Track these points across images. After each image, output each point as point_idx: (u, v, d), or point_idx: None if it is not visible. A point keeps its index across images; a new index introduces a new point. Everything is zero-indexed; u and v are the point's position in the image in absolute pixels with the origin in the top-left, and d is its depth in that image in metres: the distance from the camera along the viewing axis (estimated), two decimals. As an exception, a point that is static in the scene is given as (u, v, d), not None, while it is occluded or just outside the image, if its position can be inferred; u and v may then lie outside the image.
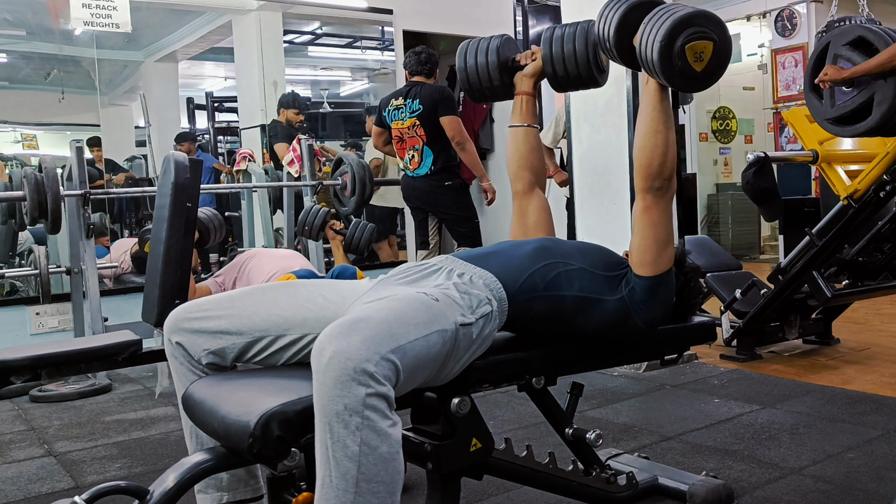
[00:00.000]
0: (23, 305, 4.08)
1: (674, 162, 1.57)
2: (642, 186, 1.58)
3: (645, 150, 1.56)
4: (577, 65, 1.83)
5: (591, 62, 1.83)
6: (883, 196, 3.09)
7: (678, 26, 1.46)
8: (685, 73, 1.48)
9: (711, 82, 1.55)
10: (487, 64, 1.91)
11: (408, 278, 1.54)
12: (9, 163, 4.91)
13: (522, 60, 1.92)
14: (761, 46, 8.13)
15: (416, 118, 3.96)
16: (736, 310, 3.50)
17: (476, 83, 1.94)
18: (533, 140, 1.92)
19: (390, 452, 1.20)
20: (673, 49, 1.46)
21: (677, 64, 1.47)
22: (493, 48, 1.91)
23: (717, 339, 3.13)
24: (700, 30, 1.47)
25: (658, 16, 1.50)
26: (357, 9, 5.69)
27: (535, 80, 1.92)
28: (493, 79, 1.92)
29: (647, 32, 1.51)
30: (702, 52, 1.47)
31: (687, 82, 1.52)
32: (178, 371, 1.52)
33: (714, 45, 1.48)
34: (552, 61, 1.85)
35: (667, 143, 1.55)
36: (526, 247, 1.62)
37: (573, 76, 1.86)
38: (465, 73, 1.94)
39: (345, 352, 1.17)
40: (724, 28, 1.51)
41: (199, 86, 7.07)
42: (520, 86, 1.92)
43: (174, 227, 2.49)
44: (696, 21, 1.48)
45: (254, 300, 1.51)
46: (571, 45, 1.83)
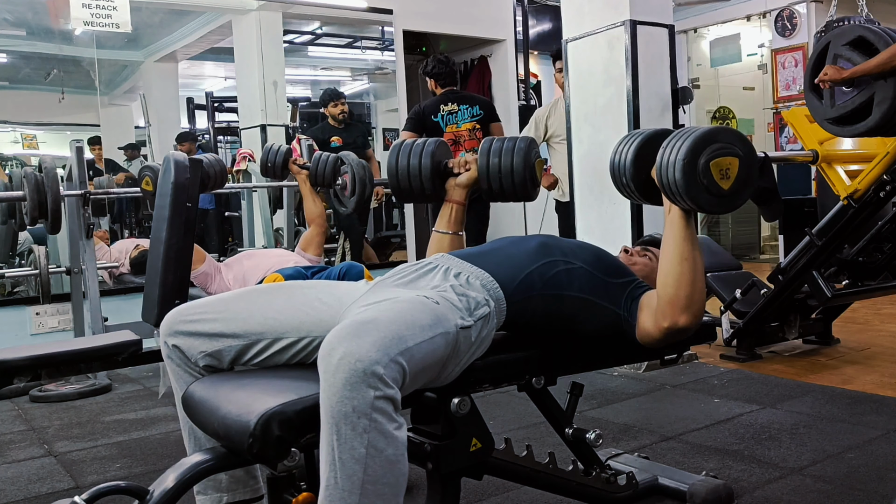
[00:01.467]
0: (23, 305, 4.08)
1: (703, 294, 1.47)
2: (667, 324, 1.47)
3: (669, 279, 1.46)
4: (513, 182, 1.81)
5: (528, 179, 1.81)
6: (883, 196, 3.09)
7: (700, 143, 1.40)
8: (711, 192, 1.41)
9: (738, 203, 1.47)
10: (420, 167, 1.87)
11: (404, 279, 1.54)
12: (9, 163, 4.91)
13: (455, 168, 1.89)
14: (761, 46, 8.13)
15: (476, 122, 4.42)
16: (736, 310, 3.49)
17: (406, 186, 1.89)
18: (457, 248, 1.87)
19: (396, 455, 1.20)
20: (697, 166, 1.39)
21: (702, 182, 1.40)
22: (428, 152, 1.87)
23: (717, 339, 3.14)
24: (724, 146, 1.41)
25: (677, 137, 1.45)
26: (357, 9, 5.69)
27: (468, 190, 1.89)
28: (424, 183, 1.87)
29: (667, 154, 1.44)
30: (728, 168, 1.41)
31: (714, 201, 1.43)
32: (175, 373, 1.52)
33: (740, 160, 1.42)
34: (488, 175, 1.83)
35: (694, 272, 1.46)
36: (524, 244, 1.61)
37: (508, 191, 1.84)
38: (395, 175, 1.89)
39: (355, 353, 1.17)
40: (747, 143, 1.45)
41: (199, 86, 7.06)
42: (452, 194, 1.89)
43: (174, 227, 2.48)
44: (719, 137, 1.42)
45: (249, 303, 1.51)
46: (510, 160, 1.80)
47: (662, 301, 1.48)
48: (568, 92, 3.73)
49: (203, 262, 3.10)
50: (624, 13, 3.41)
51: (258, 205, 5.17)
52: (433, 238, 1.90)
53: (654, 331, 1.51)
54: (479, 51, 6.63)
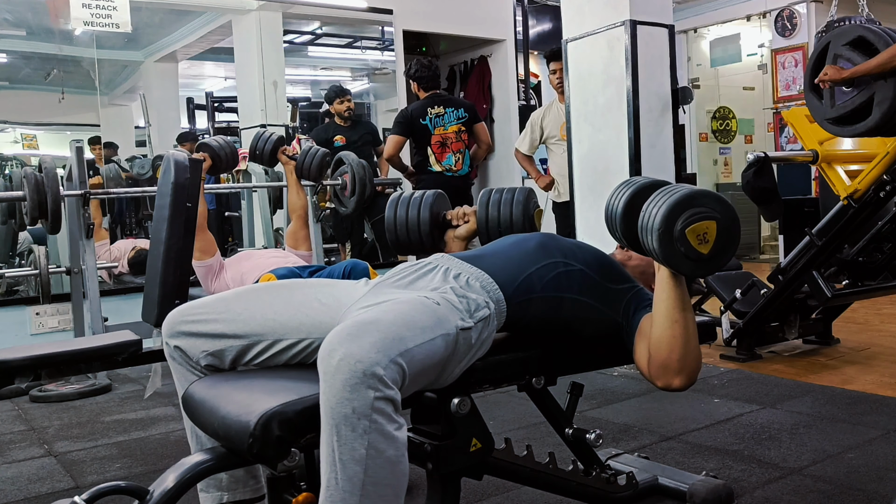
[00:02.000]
0: (23, 305, 4.08)
1: (697, 355, 1.46)
2: (660, 384, 1.47)
3: (662, 342, 1.44)
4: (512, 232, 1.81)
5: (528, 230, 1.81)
6: (883, 196, 3.09)
7: (675, 210, 1.37)
8: (690, 257, 1.38)
9: (724, 262, 1.44)
10: (419, 220, 1.87)
11: (404, 280, 1.53)
12: (9, 163, 4.91)
13: (454, 220, 1.89)
14: (761, 46, 8.14)
15: (461, 124, 4.53)
16: (736, 310, 3.50)
17: (404, 237, 1.89)
18: None
19: (397, 456, 1.20)
20: (673, 234, 1.37)
21: (679, 249, 1.37)
22: (427, 204, 1.87)
23: (717, 339, 3.15)
24: (699, 210, 1.37)
25: (654, 202, 1.42)
26: (357, 9, 5.69)
27: (467, 242, 1.88)
28: (422, 235, 1.87)
29: (645, 220, 1.42)
30: (705, 232, 1.38)
31: (694, 266, 1.40)
32: (177, 372, 1.52)
33: (717, 222, 1.38)
34: (487, 226, 1.82)
35: (686, 335, 1.44)
36: (524, 245, 1.61)
37: None
38: (393, 227, 1.89)
39: (355, 354, 1.17)
40: (724, 203, 1.41)
41: (199, 86, 7.07)
42: (450, 245, 1.89)
43: (174, 227, 2.48)
44: (695, 202, 1.38)
45: (249, 303, 1.51)
46: (508, 211, 1.80)
47: (655, 362, 1.46)
48: (568, 92, 3.73)
49: (213, 254, 3.11)
50: (624, 13, 3.41)
51: (258, 205, 5.17)
52: None
53: (648, 377, 1.50)
54: (479, 51, 6.63)
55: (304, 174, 3.74)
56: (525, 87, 6.59)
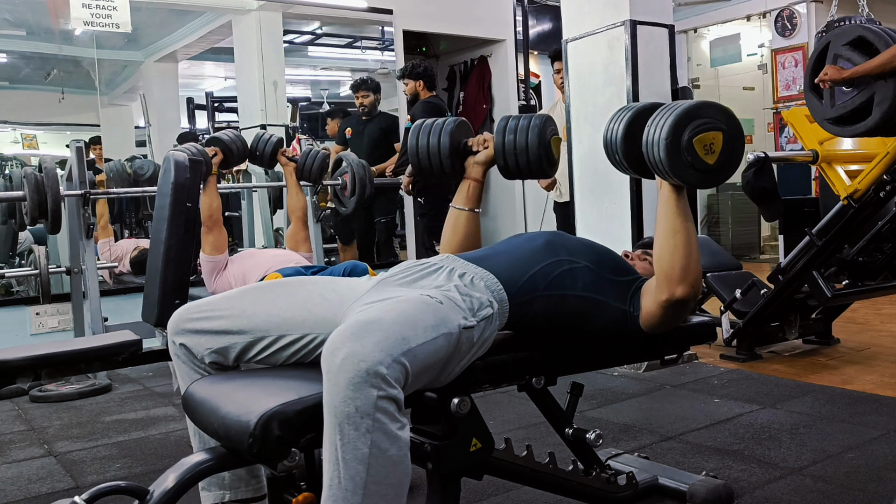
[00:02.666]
0: (23, 305, 4.08)
1: (698, 266, 1.48)
2: (665, 297, 1.48)
3: (664, 253, 1.47)
4: (528, 159, 1.81)
5: (543, 157, 1.80)
6: (883, 196, 3.09)
7: (682, 120, 1.40)
8: (697, 167, 1.42)
9: (729, 173, 1.47)
10: (440, 147, 1.87)
11: (408, 278, 1.54)
12: (9, 163, 4.91)
13: (475, 146, 1.89)
14: (761, 46, 8.13)
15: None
16: (736, 310, 3.49)
17: (426, 165, 1.90)
18: (474, 226, 1.88)
19: (399, 455, 1.20)
20: (680, 144, 1.40)
21: (687, 159, 1.41)
22: (447, 131, 1.88)
23: (717, 339, 3.14)
24: (706, 121, 1.41)
25: (660, 115, 1.45)
26: (357, 9, 5.69)
27: (485, 168, 1.89)
28: (443, 162, 1.88)
29: (651, 133, 1.45)
30: (711, 143, 1.41)
31: (701, 176, 1.44)
32: (182, 370, 1.53)
33: (723, 134, 1.42)
34: (504, 153, 1.83)
35: (688, 245, 1.46)
36: (530, 244, 1.61)
37: (524, 168, 1.84)
38: (416, 155, 1.90)
39: (358, 354, 1.17)
40: (730, 115, 1.45)
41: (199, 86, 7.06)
42: (470, 171, 1.89)
43: (174, 227, 2.48)
44: (701, 112, 1.42)
45: (253, 300, 1.52)
46: (524, 138, 1.80)
47: (659, 276, 1.49)
48: (568, 92, 3.73)
49: (223, 252, 3.14)
50: (624, 13, 3.41)
51: (258, 205, 5.17)
52: (450, 214, 1.90)
53: (655, 308, 1.52)
54: (479, 51, 6.63)
55: (304, 175, 3.74)
56: (525, 87, 6.59)
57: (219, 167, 3.26)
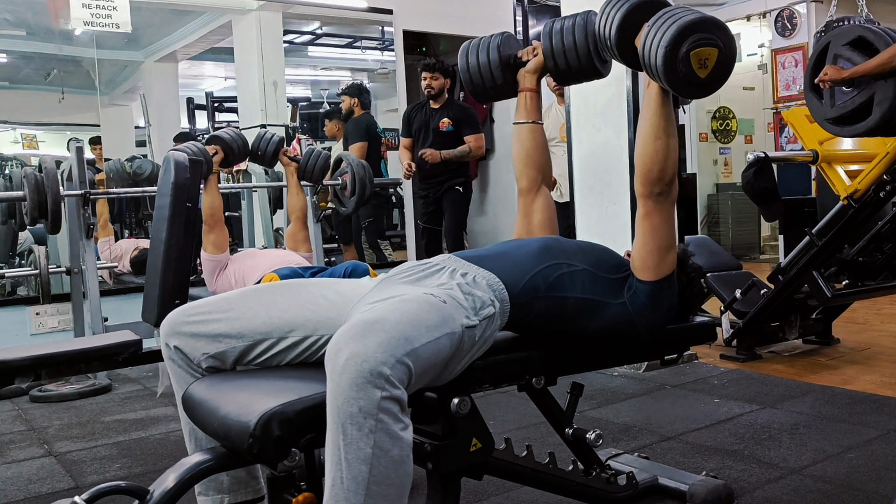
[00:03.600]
0: (23, 305, 4.08)
1: (674, 168, 1.55)
2: (643, 192, 1.56)
3: (645, 156, 1.54)
4: (577, 57, 1.81)
5: (592, 53, 1.80)
6: (883, 196, 3.09)
7: (684, 31, 1.43)
8: (688, 80, 1.46)
9: (714, 89, 1.52)
10: (489, 62, 1.89)
11: (411, 277, 1.54)
12: (9, 163, 4.91)
13: (524, 57, 1.89)
14: (761, 46, 8.13)
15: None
16: (736, 310, 3.50)
17: (479, 82, 1.92)
18: (539, 137, 1.90)
19: (401, 455, 1.20)
20: (678, 54, 1.43)
21: (681, 70, 1.44)
22: (494, 46, 1.89)
23: (717, 339, 3.13)
24: (706, 36, 1.45)
25: (663, 19, 1.48)
26: (357, 9, 5.69)
27: (537, 75, 1.89)
28: (495, 77, 1.90)
29: (651, 36, 1.48)
30: (706, 58, 1.45)
31: (690, 88, 1.49)
32: (176, 374, 1.51)
33: (719, 51, 1.46)
34: (553, 55, 1.83)
35: (667, 149, 1.53)
36: (529, 247, 1.62)
37: (575, 69, 1.83)
38: (467, 74, 1.93)
39: (361, 354, 1.17)
40: (729, 36, 1.49)
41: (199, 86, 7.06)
42: (523, 82, 1.90)
43: (174, 227, 2.48)
44: (703, 27, 1.45)
45: (253, 302, 1.50)
46: (571, 38, 1.80)
47: (638, 177, 1.56)
48: (568, 92, 3.73)
49: (225, 251, 3.15)
50: (624, 13, 3.41)
51: (258, 205, 5.16)
52: (515, 132, 1.91)
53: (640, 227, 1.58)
54: (480, 51, 6.62)
55: (305, 176, 3.74)
56: (525, 87, 6.58)
57: (219, 166, 3.27)
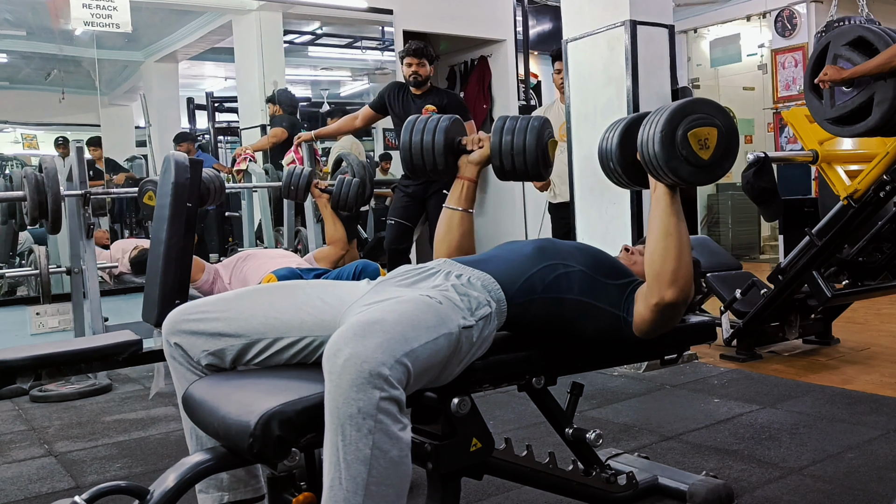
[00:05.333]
0: (23, 305, 4.08)
1: (689, 269, 1.48)
2: (655, 300, 1.49)
3: (656, 254, 1.47)
4: (525, 161, 1.80)
5: (540, 159, 1.79)
6: (883, 196, 3.09)
7: (677, 114, 1.41)
8: (691, 162, 1.42)
9: (721, 173, 1.47)
10: (433, 144, 1.86)
11: (407, 280, 1.54)
12: (9, 163, 4.91)
13: (469, 145, 1.88)
14: (761, 46, 8.13)
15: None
16: (736, 310, 3.50)
17: (419, 162, 1.88)
18: (467, 225, 1.87)
19: (400, 456, 1.20)
20: (675, 138, 1.41)
21: (681, 153, 1.41)
22: (441, 128, 1.86)
23: (717, 339, 3.14)
24: (701, 116, 1.42)
25: (656, 113, 1.46)
26: (357, 9, 5.70)
27: (480, 167, 1.88)
28: (437, 160, 1.86)
29: (646, 130, 1.45)
30: (706, 138, 1.42)
31: (695, 172, 1.44)
32: (177, 371, 1.52)
33: (718, 130, 1.43)
34: (500, 153, 1.81)
35: (680, 248, 1.46)
36: (523, 249, 1.62)
37: (519, 170, 1.83)
38: (408, 152, 1.88)
39: (360, 354, 1.17)
40: (725, 113, 1.46)
41: (199, 86, 7.07)
42: (464, 171, 1.88)
43: (174, 227, 2.49)
44: (696, 108, 1.43)
45: (251, 302, 1.51)
46: (522, 139, 1.79)
47: (650, 278, 1.49)
48: (568, 92, 3.73)
49: (203, 271, 3.11)
50: (624, 13, 3.41)
51: (258, 205, 5.17)
52: (443, 214, 1.90)
53: (646, 312, 1.52)
54: (479, 51, 6.64)
55: (340, 206, 3.67)
56: (525, 87, 6.60)
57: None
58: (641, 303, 1.54)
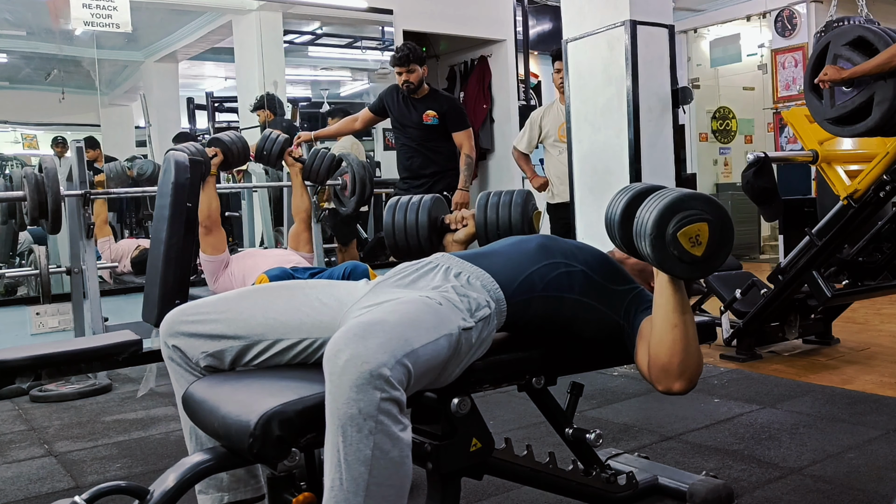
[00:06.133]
0: (23, 305, 4.08)
1: (697, 360, 1.46)
2: (661, 388, 1.46)
3: (662, 346, 1.44)
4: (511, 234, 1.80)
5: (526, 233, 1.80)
6: (883, 196, 3.09)
7: (664, 216, 1.36)
8: (684, 260, 1.38)
9: (717, 264, 1.43)
10: (417, 223, 1.86)
11: (405, 279, 1.54)
12: (9, 163, 4.91)
13: (452, 224, 1.88)
14: (761, 46, 8.14)
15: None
16: (736, 310, 3.50)
17: (403, 241, 1.88)
18: None
19: (401, 457, 1.20)
20: (665, 240, 1.36)
21: (673, 253, 1.37)
22: (425, 208, 1.86)
23: (717, 339, 3.15)
24: (689, 213, 1.37)
25: (646, 208, 1.42)
26: (357, 9, 5.70)
27: (465, 245, 1.87)
28: (421, 238, 1.86)
29: (638, 227, 1.42)
30: (697, 234, 1.37)
31: (689, 268, 1.40)
32: (175, 373, 1.51)
33: (709, 224, 1.38)
34: (486, 228, 1.81)
35: (687, 338, 1.44)
36: (526, 245, 1.61)
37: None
38: (391, 230, 1.88)
39: (362, 355, 1.17)
40: (715, 205, 1.41)
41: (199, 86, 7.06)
42: (449, 249, 1.87)
43: (174, 227, 2.48)
44: (684, 205, 1.37)
45: (250, 303, 1.51)
46: (507, 214, 1.79)
47: (656, 367, 1.46)
48: (568, 92, 3.73)
49: (223, 251, 3.15)
50: (624, 13, 3.41)
51: (258, 205, 5.17)
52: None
53: (649, 380, 1.49)
54: (479, 51, 6.64)
55: (311, 176, 3.70)
56: (525, 87, 6.60)
57: (218, 168, 3.26)
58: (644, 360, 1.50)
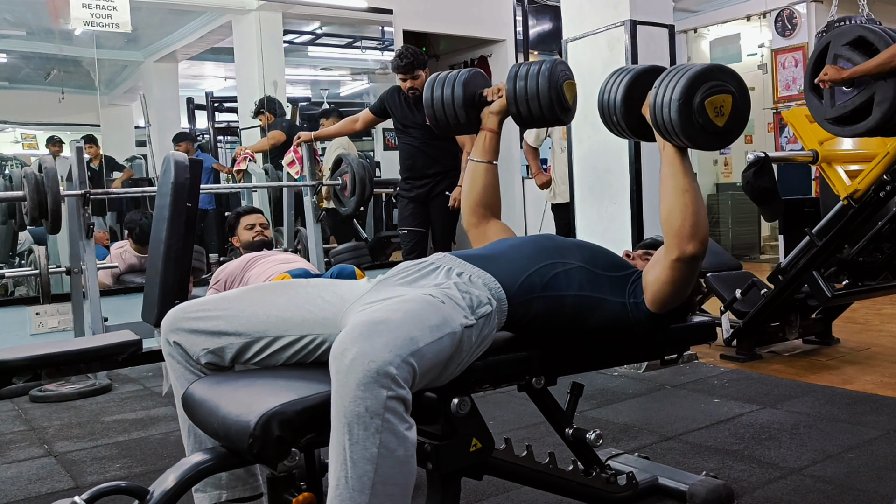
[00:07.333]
0: (23, 305, 4.08)
1: (706, 222, 1.49)
2: (676, 255, 1.49)
3: (675, 211, 1.48)
4: (540, 105, 1.78)
5: (554, 101, 1.77)
6: (883, 196, 3.09)
7: (695, 82, 1.41)
8: (707, 130, 1.43)
9: (732, 138, 1.49)
10: (453, 98, 1.86)
11: (407, 278, 1.54)
12: (9, 163, 4.91)
13: (489, 96, 1.87)
14: (761, 46, 8.13)
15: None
16: (736, 310, 3.49)
17: (442, 117, 1.88)
18: (492, 178, 1.87)
19: (406, 455, 1.21)
20: (692, 106, 1.41)
21: (698, 121, 1.41)
22: (461, 82, 1.86)
23: (717, 339, 3.13)
24: (717, 83, 1.42)
25: (670, 76, 1.46)
26: (357, 9, 5.70)
27: (500, 117, 1.87)
28: (458, 113, 1.86)
29: (660, 94, 1.45)
30: (721, 105, 1.42)
31: (709, 139, 1.46)
32: (175, 371, 1.52)
33: (733, 97, 1.44)
34: (515, 100, 1.80)
35: (696, 202, 1.48)
36: (523, 247, 1.62)
37: (537, 115, 1.81)
38: (431, 108, 1.88)
39: (368, 354, 1.18)
40: (740, 80, 1.47)
41: (199, 86, 7.07)
42: (486, 122, 1.87)
43: (174, 227, 2.48)
44: (713, 75, 1.43)
45: (252, 300, 1.51)
46: (535, 84, 1.77)
47: (668, 237, 1.50)
48: (568, 91, 3.72)
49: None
50: (624, 13, 3.41)
51: (258, 205, 5.16)
52: (469, 167, 1.90)
53: (664, 273, 1.51)
54: (479, 51, 6.64)
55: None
56: (525, 87, 6.59)
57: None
58: (657, 268, 1.53)
